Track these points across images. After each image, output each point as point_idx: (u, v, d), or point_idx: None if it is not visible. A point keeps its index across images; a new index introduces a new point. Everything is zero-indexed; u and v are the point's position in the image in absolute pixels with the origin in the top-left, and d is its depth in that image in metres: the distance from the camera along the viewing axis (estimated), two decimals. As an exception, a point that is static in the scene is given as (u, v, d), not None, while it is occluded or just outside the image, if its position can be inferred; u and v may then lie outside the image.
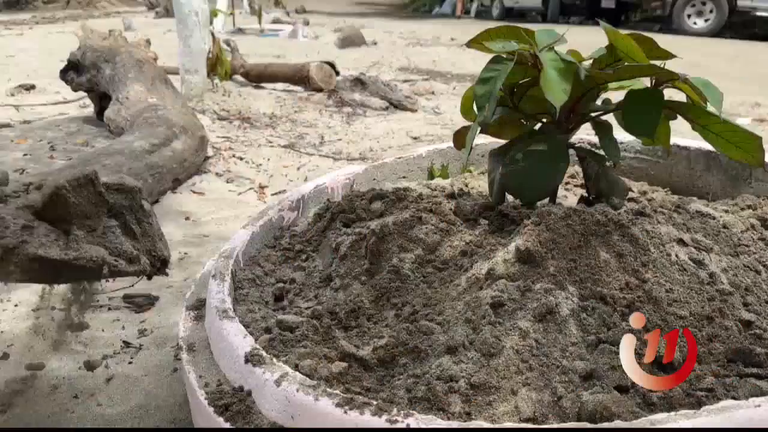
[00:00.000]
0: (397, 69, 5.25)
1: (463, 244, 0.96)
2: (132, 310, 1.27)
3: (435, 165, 1.54)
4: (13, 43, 7.09)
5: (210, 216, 1.83)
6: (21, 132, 2.73)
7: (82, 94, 3.24)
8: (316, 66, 3.81)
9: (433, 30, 10.33)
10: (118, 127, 2.27)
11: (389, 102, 3.44)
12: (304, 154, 2.55)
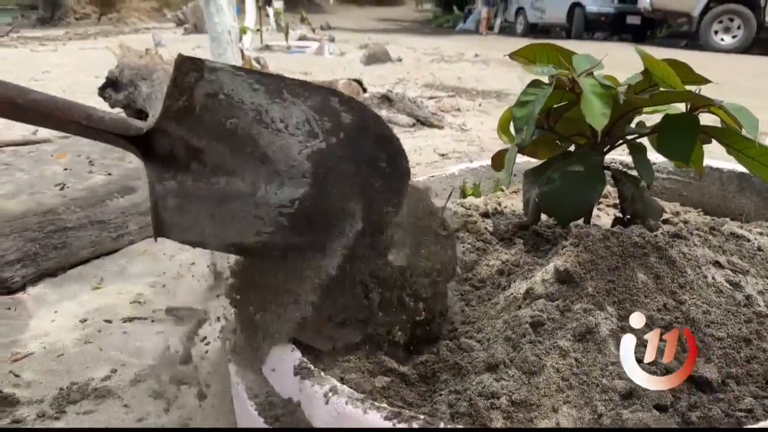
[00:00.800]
0: (422, 85, 5.31)
1: (500, 263, 0.98)
2: (175, 323, 1.31)
3: (467, 183, 1.57)
4: (48, 59, 7.32)
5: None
6: (60, 147, 2.82)
7: (111, 108, 3.33)
8: (343, 83, 3.87)
9: (457, 46, 10.40)
10: (156, 144, 2.34)
11: (416, 119, 3.48)
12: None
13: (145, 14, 19.98)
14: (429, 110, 3.65)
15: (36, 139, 2.89)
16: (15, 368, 1.12)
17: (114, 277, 1.52)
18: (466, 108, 4.20)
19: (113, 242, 1.63)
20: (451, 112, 4.00)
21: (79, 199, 1.59)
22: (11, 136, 3.05)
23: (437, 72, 6.37)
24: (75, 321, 1.30)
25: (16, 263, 1.39)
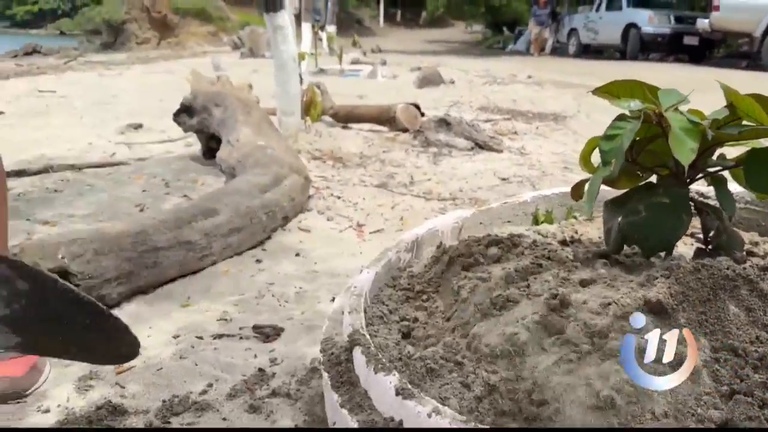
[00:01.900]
0: (477, 108, 5.35)
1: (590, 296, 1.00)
2: (260, 339, 1.38)
3: (540, 210, 1.59)
4: (115, 83, 7.71)
5: (317, 252, 1.95)
6: (136, 169, 2.98)
7: (185, 133, 3.51)
8: (401, 107, 3.95)
9: (509, 68, 10.41)
10: (230, 167, 2.46)
11: (474, 142, 3.52)
12: (397, 193, 2.65)
13: (202, 38, 20.78)
14: (487, 134, 3.68)
15: (114, 161, 3.06)
16: (120, 380, 1.20)
17: (200, 296, 1.60)
18: (523, 131, 4.21)
19: (198, 262, 1.72)
20: (508, 135, 4.02)
21: (168, 221, 1.69)
22: (91, 158, 3.24)
23: (491, 94, 6.40)
24: (168, 337, 1.38)
25: (114, 281, 1.49)
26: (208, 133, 2.98)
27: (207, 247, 1.75)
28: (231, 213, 1.88)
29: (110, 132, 3.99)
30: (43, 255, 1.41)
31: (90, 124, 4.35)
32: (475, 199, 2.55)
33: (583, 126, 4.55)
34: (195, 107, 2.97)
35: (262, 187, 2.08)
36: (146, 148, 3.51)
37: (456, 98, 6.06)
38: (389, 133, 3.97)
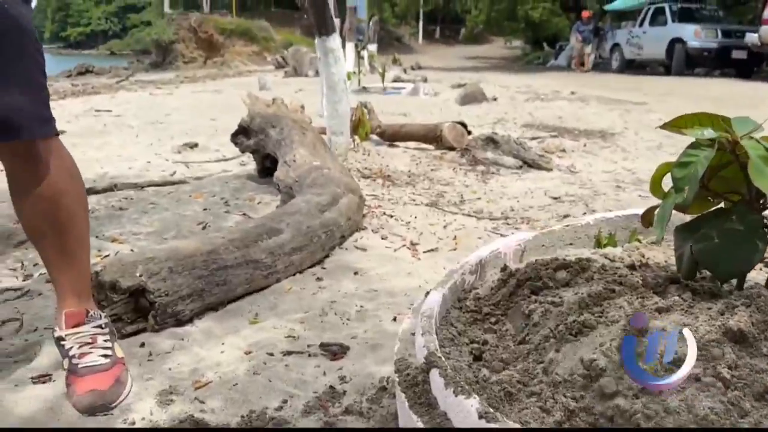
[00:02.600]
0: (522, 125, 5.34)
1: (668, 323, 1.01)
2: (328, 357, 1.42)
3: (602, 233, 1.60)
4: (166, 102, 7.98)
5: (374, 271, 1.99)
6: (195, 187, 3.09)
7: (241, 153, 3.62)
8: (448, 126, 3.99)
9: (551, 84, 10.36)
10: (287, 187, 2.53)
11: (523, 161, 3.53)
12: (448, 212, 2.68)
13: (246, 58, 21.34)
14: (535, 151, 3.68)
15: (174, 180, 3.18)
16: (199, 395, 1.26)
17: (267, 313, 1.66)
18: (571, 149, 4.19)
19: (263, 280, 1.78)
20: (555, 153, 4.01)
21: (236, 241, 1.76)
22: (151, 176, 3.37)
23: (535, 111, 6.39)
24: (240, 353, 1.44)
25: (187, 298, 1.56)
26: (263, 153, 3.07)
27: (272, 265, 1.81)
28: (293, 232, 1.94)
29: (167, 151, 4.14)
30: (123, 273, 1.49)
31: (146, 142, 4.52)
32: (528, 218, 2.56)
33: (632, 143, 4.50)
34: (252, 128, 3.06)
35: (320, 207, 2.14)
36: (203, 167, 3.64)
37: (500, 115, 6.07)
38: (436, 151, 4.01)
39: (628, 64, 13.88)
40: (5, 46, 1.15)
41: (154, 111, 6.68)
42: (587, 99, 7.59)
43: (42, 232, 1.27)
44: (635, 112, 6.31)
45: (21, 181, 1.24)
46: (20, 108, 1.15)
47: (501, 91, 8.79)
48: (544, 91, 8.89)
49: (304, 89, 9.74)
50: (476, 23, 23.98)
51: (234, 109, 6.79)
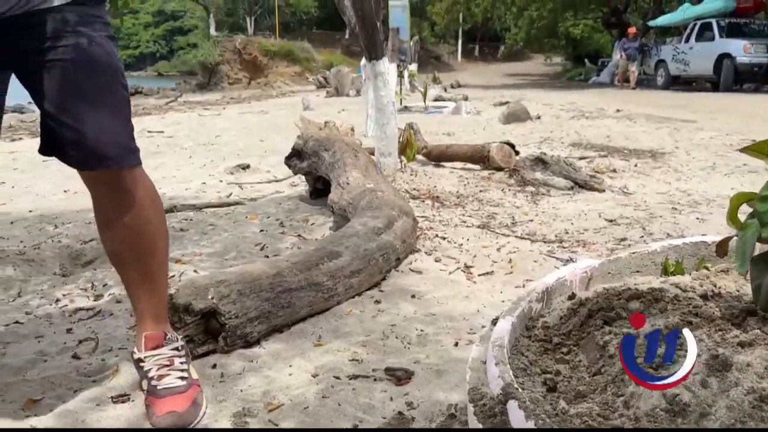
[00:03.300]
0: (569, 145, 5.30)
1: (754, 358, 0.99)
2: (393, 382, 1.44)
3: (669, 260, 1.58)
4: (216, 124, 8.20)
5: (431, 295, 2.00)
6: (250, 208, 3.17)
7: (290, 172, 3.71)
8: (496, 146, 3.99)
9: (595, 101, 10.24)
10: (341, 209, 2.58)
11: (574, 182, 3.50)
12: (500, 234, 2.67)
13: (288, 78, 21.84)
14: (586, 172, 3.64)
15: (230, 202, 3.27)
16: (273, 418, 1.29)
17: (330, 335, 1.69)
18: (621, 169, 4.13)
19: (325, 302, 1.82)
20: (606, 173, 3.96)
21: (299, 264, 1.80)
22: (207, 197, 3.48)
23: (581, 130, 6.32)
24: (308, 376, 1.47)
25: (255, 320, 1.61)
26: (315, 175, 3.13)
27: (333, 288, 1.84)
28: (352, 255, 1.97)
29: (220, 172, 4.26)
30: (195, 295, 1.54)
31: (200, 163, 4.66)
32: (583, 241, 2.53)
33: (684, 163, 4.41)
34: (305, 151, 3.13)
35: (377, 230, 2.17)
36: (255, 188, 3.73)
37: (545, 134, 6.03)
38: (483, 171, 4.01)
39: (673, 80, 13.61)
40: (96, 82, 1.22)
41: (205, 132, 6.88)
42: (634, 117, 7.47)
43: (124, 259, 1.33)
44: (684, 131, 6.18)
45: (107, 209, 1.30)
46: (109, 140, 1.22)
47: (544, 109, 8.74)
48: (588, 108, 8.79)
49: (347, 109, 9.88)
50: (516, 41, 23.90)
51: (281, 130, 6.95)
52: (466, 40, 32.38)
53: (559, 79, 21.47)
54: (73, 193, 3.71)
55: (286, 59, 22.19)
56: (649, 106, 8.95)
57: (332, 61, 23.76)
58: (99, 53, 1.22)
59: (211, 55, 20.91)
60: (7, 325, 1.77)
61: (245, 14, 27.15)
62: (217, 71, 21.13)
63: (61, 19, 1.19)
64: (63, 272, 2.34)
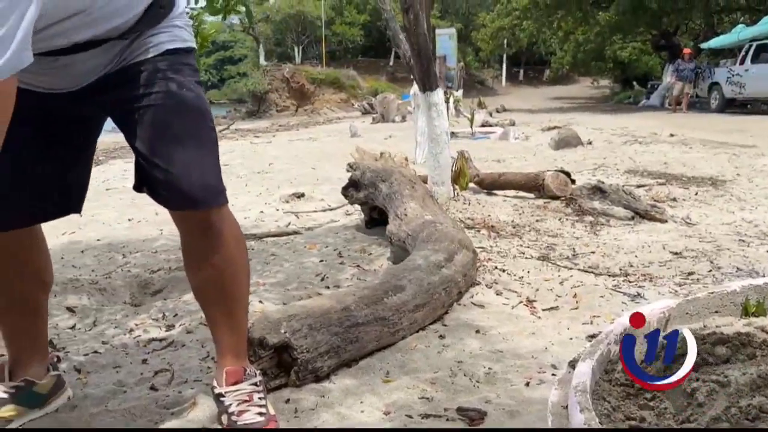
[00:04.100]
0: (624, 172, 5.20)
1: None
2: (465, 422, 1.43)
3: (750, 300, 1.52)
4: (268, 151, 8.39)
5: (496, 330, 1.98)
6: (308, 238, 3.22)
7: (343, 200, 3.76)
8: (551, 175, 3.95)
9: (647, 125, 10.03)
10: (399, 240, 2.59)
11: (634, 211, 3.42)
12: (561, 267, 2.63)
13: (334, 104, 22.23)
14: (647, 202, 3.57)
15: (288, 231, 3.34)
16: (349, 455, 1.30)
17: (398, 371, 1.69)
18: (682, 197, 4.03)
19: (391, 337, 1.83)
20: (666, 202, 3.86)
21: (365, 298, 1.82)
22: (266, 226, 3.56)
23: (636, 156, 6.20)
24: (380, 414, 1.47)
25: (325, 354, 1.62)
26: (373, 205, 3.17)
27: (398, 322, 1.85)
28: (415, 289, 1.98)
29: (275, 200, 4.36)
30: (269, 330, 1.58)
31: (255, 192, 4.78)
32: (649, 275, 2.47)
33: (747, 192, 4.27)
34: (362, 182, 3.18)
35: (438, 264, 2.17)
36: (311, 217, 3.79)
37: (598, 161, 5.94)
38: (538, 200, 3.97)
39: (728, 103, 13.22)
40: (186, 125, 1.28)
41: (258, 160, 7.05)
42: (690, 142, 7.28)
43: (208, 295, 1.38)
44: (745, 156, 5.98)
45: (194, 247, 1.35)
46: (198, 181, 1.27)
47: (595, 134, 8.62)
48: (641, 133, 8.62)
49: (394, 135, 9.98)
50: (562, 64, 23.73)
51: (331, 158, 7.07)
52: (510, 64, 32.36)
53: (607, 102, 21.16)
54: (137, 221, 3.86)
55: (332, 86, 22.63)
56: (704, 131, 8.71)
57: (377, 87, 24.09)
58: (189, 97, 1.28)
59: (260, 84, 21.51)
60: (86, 355, 1.84)
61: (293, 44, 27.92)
62: (265, 99, 21.71)
63: (153, 68, 1.26)
64: (133, 301, 2.43)
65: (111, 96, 1.27)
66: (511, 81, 32.16)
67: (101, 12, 1.14)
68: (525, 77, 33.43)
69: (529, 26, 20.50)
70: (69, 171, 1.38)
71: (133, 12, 1.20)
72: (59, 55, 1.16)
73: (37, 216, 1.39)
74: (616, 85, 24.86)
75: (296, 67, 23.36)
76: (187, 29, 1.36)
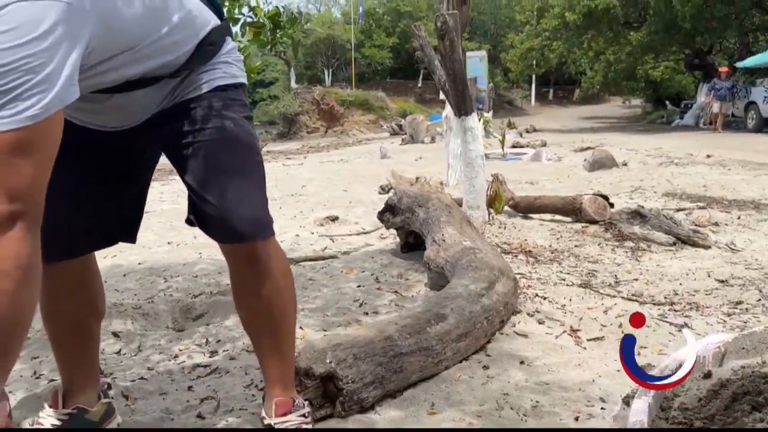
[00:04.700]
0: (662, 195, 5.11)
1: None
2: (515, 458, 1.40)
3: (809, 336, 1.47)
4: (300, 173, 8.48)
5: (540, 361, 1.95)
6: (344, 263, 3.23)
7: (377, 223, 3.77)
8: (589, 199, 3.91)
9: (682, 145, 9.86)
10: (438, 267, 2.58)
11: (676, 237, 3.35)
12: (604, 295, 2.59)
13: (363, 126, 22.45)
14: (688, 226, 3.49)
15: (325, 255, 3.36)
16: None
17: (443, 403, 1.67)
18: (724, 222, 3.93)
19: (434, 367, 1.81)
20: (707, 226, 3.77)
21: (408, 327, 1.81)
22: (302, 249, 3.58)
23: (673, 178, 6.09)
24: (428, 447, 1.45)
25: (370, 385, 1.62)
26: (409, 230, 3.17)
27: (442, 352, 1.83)
28: (458, 318, 1.96)
29: (310, 223, 4.39)
30: (315, 360, 1.58)
31: (290, 215, 4.82)
32: (695, 304, 2.41)
33: (793, 215, 4.14)
34: (399, 207, 3.18)
35: (479, 292, 2.15)
36: (346, 240, 3.81)
37: (635, 183, 5.85)
38: (576, 224, 3.91)
39: (765, 123, 12.93)
40: (237, 161, 1.30)
41: (291, 182, 7.13)
42: (728, 163, 7.12)
43: (257, 327, 1.39)
44: (788, 179, 5.83)
45: (242, 279, 1.37)
46: (247, 215, 1.29)
47: (629, 155, 8.50)
48: (676, 154, 8.47)
49: (424, 157, 10.00)
50: (592, 84, 23.56)
51: (362, 179, 7.11)
52: (539, 84, 32.26)
53: (639, 122, 20.88)
54: (176, 245, 3.92)
55: (361, 108, 22.87)
56: (742, 151, 8.52)
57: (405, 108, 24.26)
58: (239, 133, 1.31)
59: (291, 106, 21.86)
60: (133, 381, 1.87)
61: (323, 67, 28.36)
62: (296, 121, 22.04)
63: (206, 105, 1.29)
64: (176, 326, 2.46)
65: (164, 132, 1.30)
66: (540, 101, 32.04)
67: (149, 49, 1.16)
68: (554, 97, 33.27)
69: (558, 47, 20.45)
70: (124, 202, 1.42)
71: (181, 50, 1.23)
72: (113, 93, 1.20)
73: (93, 245, 1.43)
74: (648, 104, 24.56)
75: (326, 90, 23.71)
76: (238, 65, 1.39)
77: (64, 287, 1.40)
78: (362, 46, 28.67)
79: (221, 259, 1.54)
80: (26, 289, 0.92)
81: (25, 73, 0.89)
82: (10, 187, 0.91)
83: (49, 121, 0.93)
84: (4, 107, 0.89)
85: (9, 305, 0.89)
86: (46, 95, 0.91)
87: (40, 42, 0.90)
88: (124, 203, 1.41)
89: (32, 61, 0.89)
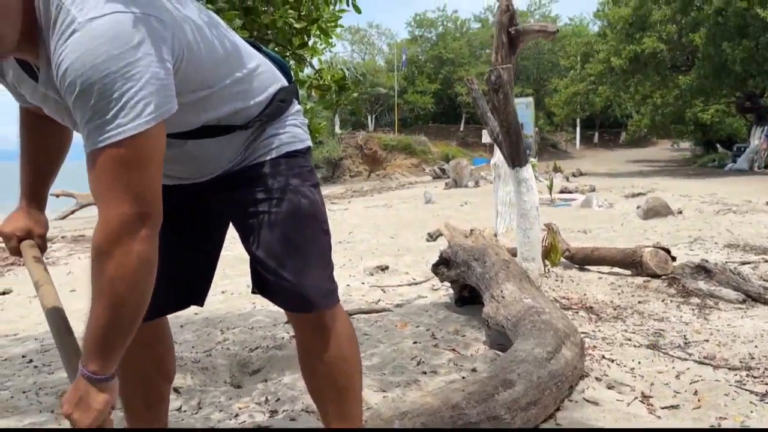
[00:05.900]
0: (723, 246, 4.91)
1: None
2: None
3: None
4: (346, 219, 8.55)
5: (615, 432, 1.85)
6: (399, 316, 3.19)
7: (428, 273, 3.73)
8: (650, 251, 3.78)
9: (738, 191, 9.54)
10: (498, 325, 2.51)
11: (745, 294, 3.19)
12: (675, 358, 2.46)
13: (406, 169, 22.61)
14: (759, 283, 3.32)
15: (378, 309, 3.32)
16: None
17: (515, 479, 1.59)
18: (796, 277, 3.73)
19: (504, 438, 1.73)
20: (778, 282, 3.58)
21: (474, 394, 1.75)
22: (353, 300, 3.56)
23: (733, 227, 5.86)
24: None
25: (438, 457, 1.55)
26: (464, 283, 3.12)
27: (511, 422, 1.76)
28: (526, 384, 1.88)
29: (360, 273, 4.38)
30: (383, 429, 1.53)
31: (339, 263, 4.82)
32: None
33: None
34: (455, 261, 3.14)
35: (546, 356, 2.08)
36: (397, 291, 3.77)
37: (693, 233, 5.65)
38: (637, 278, 3.78)
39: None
40: (303, 232, 1.29)
41: (338, 229, 7.18)
42: (791, 211, 6.83)
43: (322, 393, 1.36)
44: None
45: (307, 346, 1.35)
46: (312, 285, 1.28)
47: (683, 201, 8.27)
48: (733, 200, 8.20)
49: (469, 202, 9.95)
50: (639, 127, 23.24)
51: (408, 226, 7.11)
52: (583, 127, 32.03)
53: (689, 165, 20.38)
54: (231, 294, 3.96)
55: (404, 152, 23.08)
56: (804, 197, 8.18)
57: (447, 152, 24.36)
58: (306, 204, 1.30)
59: (335, 151, 22.25)
60: (195, 442, 1.85)
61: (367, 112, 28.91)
62: (340, 165, 22.39)
63: (274, 172, 1.29)
64: (234, 381, 2.45)
65: (233, 194, 1.31)
66: (585, 144, 31.73)
67: (224, 93, 1.18)
68: (600, 140, 32.91)
69: (604, 91, 20.33)
70: (196, 263, 1.43)
71: (253, 99, 1.25)
72: (188, 138, 1.21)
73: (167, 308, 1.44)
74: (697, 147, 24.04)
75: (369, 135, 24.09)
76: (303, 128, 1.40)
77: (137, 351, 1.40)
78: (405, 92, 29.16)
79: (275, 310, 1.54)
80: (150, 285, 1.03)
81: (127, 80, 0.93)
82: (138, 191, 0.98)
83: (159, 126, 0.98)
84: (119, 115, 0.94)
85: (139, 296, 1.01)
86: (152, 101, 0.96)
87: (135, 51, 0.94)
88: (196, 263, 1.42)
89: (131, 69, 0.93)
